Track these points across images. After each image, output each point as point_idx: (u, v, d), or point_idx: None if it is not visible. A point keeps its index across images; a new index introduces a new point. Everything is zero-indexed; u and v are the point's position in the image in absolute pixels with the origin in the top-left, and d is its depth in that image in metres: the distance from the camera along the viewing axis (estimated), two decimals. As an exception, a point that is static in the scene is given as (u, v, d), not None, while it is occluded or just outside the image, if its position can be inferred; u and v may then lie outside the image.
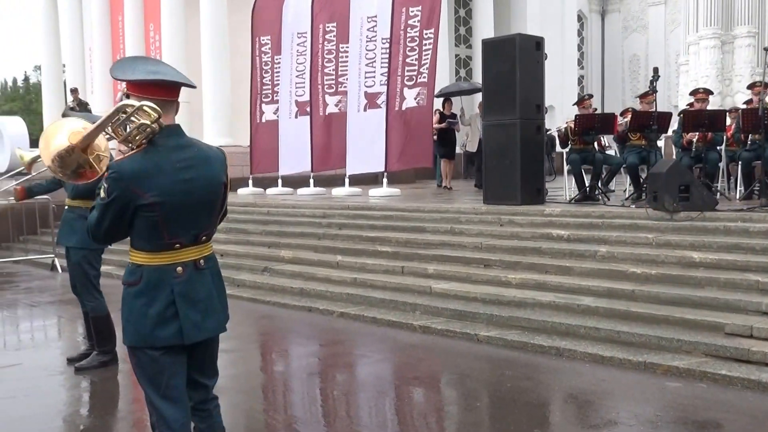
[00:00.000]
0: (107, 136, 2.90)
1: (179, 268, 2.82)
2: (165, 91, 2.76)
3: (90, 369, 5.89)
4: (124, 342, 2.90)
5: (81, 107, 16.42)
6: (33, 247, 13.65)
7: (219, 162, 2.93)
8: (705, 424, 4.51)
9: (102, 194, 2.72)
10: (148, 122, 2.68)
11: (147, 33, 22.73)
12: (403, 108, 12.51)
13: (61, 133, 3.02)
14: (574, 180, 10.00)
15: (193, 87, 2.87)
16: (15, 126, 18.15)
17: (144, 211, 2.72)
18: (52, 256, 12.12)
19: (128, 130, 2.74)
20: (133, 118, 2.70)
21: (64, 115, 5.83)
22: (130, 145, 2.77)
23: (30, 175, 7.40)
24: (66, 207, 5.92)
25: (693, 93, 10.33)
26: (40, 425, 4.73)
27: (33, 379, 5.83)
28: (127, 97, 2.78)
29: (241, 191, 14.94)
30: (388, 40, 12.57)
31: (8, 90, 76.32)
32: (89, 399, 5.55)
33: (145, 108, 2.67)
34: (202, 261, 2.90)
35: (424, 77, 12.45)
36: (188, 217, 2.81)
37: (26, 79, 74.55)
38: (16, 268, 12.50)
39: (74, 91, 18.81)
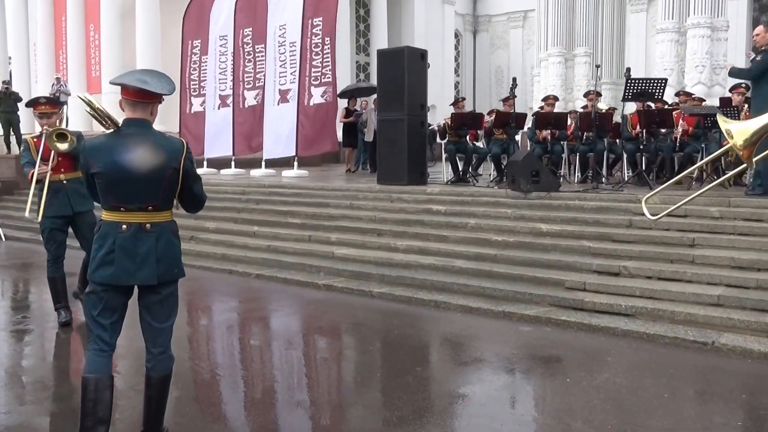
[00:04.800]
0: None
1: (124, 226, 2.96)
2: (129, 93, 2.95)
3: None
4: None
5: (7, 96, 15.38)
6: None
7: (171, 152, 2.97)
8: (549, 359, 4.65)
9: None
10: (93, 113, 3.13)
11: (87, 33, 21.32)
12: (311, 103, 12.20)
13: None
14: (450, 166, 10.11)
15: (163, 94, 2.99)
16: None
17: (95, 178, 2.96)
18: (-2, 226, 11.24)
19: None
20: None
21: None
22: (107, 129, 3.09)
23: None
24: (69, 179, 5.32)
25: (545, 99, 10.59)
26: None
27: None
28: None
29: (172, 171, 14.35)
30: (296, 45, 12.26)
31: (-42, 79, 70.36)
32: (31, 351, 5.11)
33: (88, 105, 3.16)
34: (148, 225, 2.99)
35: (328, 78, 12.19)
36: (129, 189, 2.92)
37: (-25, 69, 68.94)
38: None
39: (5, 82, 17.48)
